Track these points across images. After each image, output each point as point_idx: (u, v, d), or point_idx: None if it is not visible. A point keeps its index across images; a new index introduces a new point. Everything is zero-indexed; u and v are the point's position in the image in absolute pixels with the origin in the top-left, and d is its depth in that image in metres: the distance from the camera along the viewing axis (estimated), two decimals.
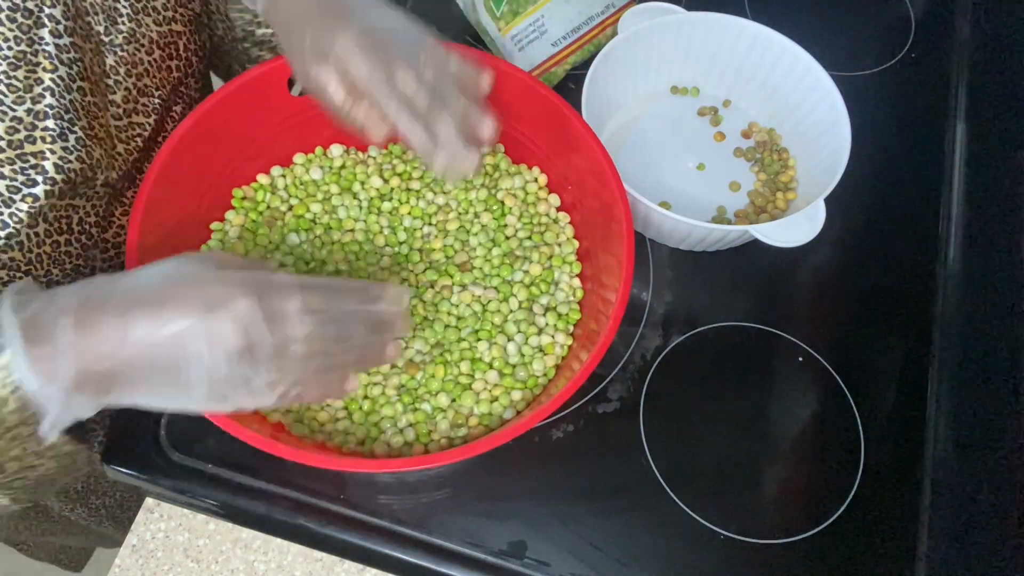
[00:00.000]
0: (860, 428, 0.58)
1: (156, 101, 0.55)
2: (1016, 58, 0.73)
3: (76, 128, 0.46)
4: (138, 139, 0.54)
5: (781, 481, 0.57)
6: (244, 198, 0.58)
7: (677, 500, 0.55)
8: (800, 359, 0.61)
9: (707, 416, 0.59)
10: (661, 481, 0.56)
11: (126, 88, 0.52)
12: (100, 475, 0.76)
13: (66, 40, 0.45)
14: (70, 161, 0.46)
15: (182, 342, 0.35)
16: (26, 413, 0.35)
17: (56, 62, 0.44)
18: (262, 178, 0.60)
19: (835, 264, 0.66)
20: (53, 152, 0.45)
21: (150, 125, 0.55)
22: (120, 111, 0.52)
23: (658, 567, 0.53)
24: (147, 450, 0.56)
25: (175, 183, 0.52)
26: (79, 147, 0.46)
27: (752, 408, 0.59)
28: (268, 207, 0.59)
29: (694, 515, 0.55)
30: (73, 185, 0.47)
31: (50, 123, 0.44)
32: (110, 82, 0.51)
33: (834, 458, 0.57)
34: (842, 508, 0.55)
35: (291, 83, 0.57)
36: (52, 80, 0.44)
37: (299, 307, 0.38)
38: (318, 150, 0.62)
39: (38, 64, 0.44)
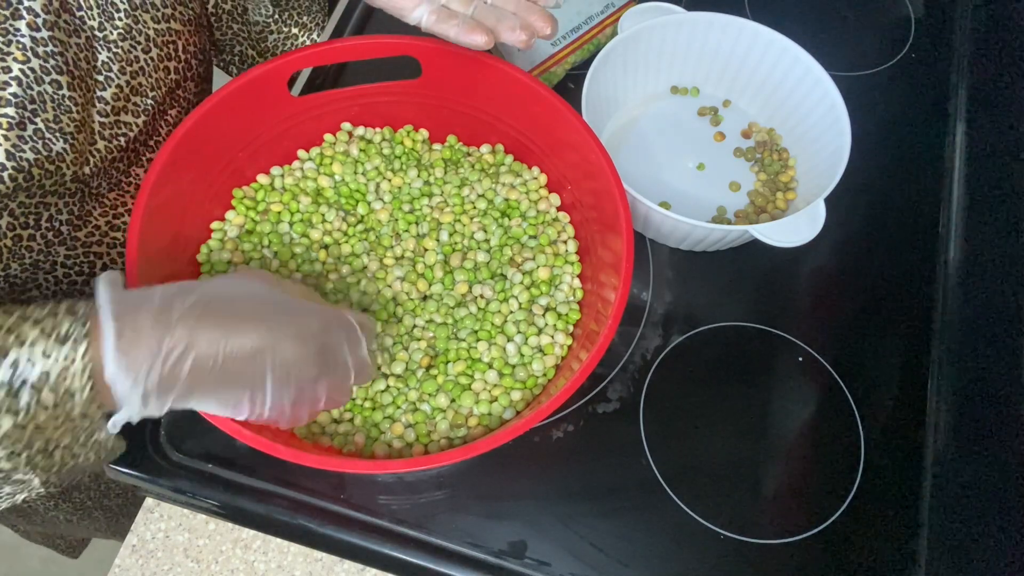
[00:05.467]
0: (860, 428, 0.58)
1: (149, 101, 0.55)
2: (1016, 58, 0.73)
3: (37, 120, 0.46)
4: (122, 138, 0.54)
5: (781, 481, 0.57)
6: (244, 198, 0.58)
7: (677, 500, 0.55)
8: (800, 359, 0.61)
9: (707, 416, 0.59)
10: (661, 481, 0.56)
11: (118, 85, 0.52)
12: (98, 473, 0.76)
13: (44, 34, 0.45)
14: (23, 151, 0.46)
15: (262, 361, 0.38)
16: (91, 406, 0.35)
17: (30, 54, 0.45)
18: (262, 178, 0.60)
19: (835, 264, 0.66)
20: (7, 139, 0.45)
21: (138, 125, 0.55)
22: (108, 108, 0.52)
23: (658, 567, 0.53)
24: (147, 450, 0.56)
25: (176, 183, 0.52)
26: (36, 138, 0.46)
27: (752, 408, 0.59)
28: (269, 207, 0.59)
29: (694, 515, 0.55)
30: (30, 176, 0.47)
31: (10, 111, 0.45)
32: (100, 78, 0.51)
33: (834, 458, 0.57)
34: (842, 508, 0.55)
35: (291, 83, 0.57)
36: (21, 71, 0.45)
37: (363, 341, 0.44)
38: (320, 148, 0.62)
39: (9, 54, 0.44)
